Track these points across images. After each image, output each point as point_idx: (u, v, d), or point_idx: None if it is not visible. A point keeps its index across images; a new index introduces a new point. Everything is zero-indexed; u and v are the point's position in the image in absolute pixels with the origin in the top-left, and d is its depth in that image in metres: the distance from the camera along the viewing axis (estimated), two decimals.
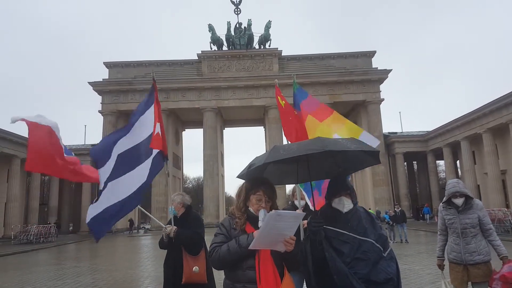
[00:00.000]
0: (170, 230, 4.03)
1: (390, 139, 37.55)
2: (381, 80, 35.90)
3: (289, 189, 26.72)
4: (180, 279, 3.99)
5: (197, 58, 36.80)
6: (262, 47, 37.51)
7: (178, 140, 41.69)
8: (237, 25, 38.60)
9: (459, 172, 37.98)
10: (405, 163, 40.82)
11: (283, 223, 2.22)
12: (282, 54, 36.93)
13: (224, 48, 37.83)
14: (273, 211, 2.22)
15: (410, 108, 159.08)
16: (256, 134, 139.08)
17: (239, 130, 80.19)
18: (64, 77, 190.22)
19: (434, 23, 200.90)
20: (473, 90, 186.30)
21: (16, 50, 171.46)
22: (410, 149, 37.60)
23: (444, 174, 43.82)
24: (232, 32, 38.14)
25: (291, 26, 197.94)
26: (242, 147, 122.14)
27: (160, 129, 4.14)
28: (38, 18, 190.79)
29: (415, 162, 44.89)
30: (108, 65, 37.31)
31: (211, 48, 37.45)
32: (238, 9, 38.93)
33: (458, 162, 37.57)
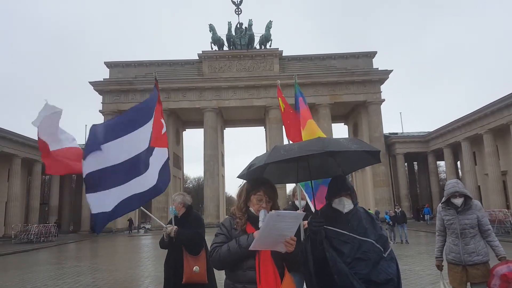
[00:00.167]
0: (171, 230, 4.03)
1: (390, 140, 37.51)
2: (382, 81, 35.86)
3: (289, 189, 26.76)
4: (180, 279, 3.99)
5: (197, 58, 36.78)
6: (263, 47, 37.46)
7: (178, 140, 41.68)
8: (238, 25, 38.54)
9: (460, 173, 37.94)
10: (406, 164, 40.78)
11: (283, 224, 2.20)
12: (283, 54, 36.87)
13: (225, 48, 37.79)
14: (273, 212, 2.21)
15: (411, 108, 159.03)
16: (256, 134, 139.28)
17: (239, 130, 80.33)
18: (64, 77, 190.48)
19: (435, 24, 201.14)
20: (473, 91, 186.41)
21: (16, 50, 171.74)
22: (411, 149, 37.56)
23: (445, 175, 43.83)
24: (233, 32, 38.09)
25: (291, 26, 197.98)
26: (242, 147, 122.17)
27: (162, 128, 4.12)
28: (38, 18, 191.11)
29: (416, 162, 44.85)
30: (108, 65, 37.33)
31: (211, 48, 37.41)
32: (239, 9, 38.90)
33: (458, 163, 37.52)
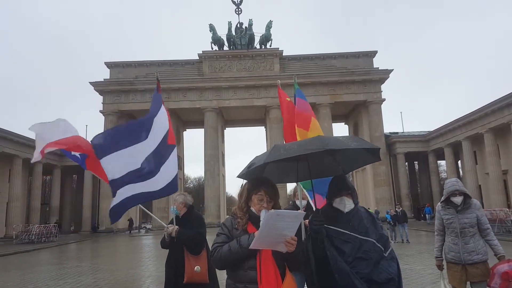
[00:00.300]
0: (172, 230, 4.03)
1: (391, 139, 37.48)
2: (382, 80, 35.84)
3: (290, 188, 26.76)
4: (181, 279, 4.00)
5: (198, 58, 36.78)
6: (263, 47, 37.45)
7: (179, 140, 41.67)
8: (238, 25, 38.54)
9: (461, 172, 37.93)
10: (406, 163, 40.74)
11: (283, 223, 2.19)
12: (283, 54, 36.87)
13: (225, 48, 37.79)
14: (272, 211, 2.21)
15: (411, 108, 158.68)
16: (257, 134, 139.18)
17: (240, 130, 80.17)
18: (64, 77, 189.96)
19: (435, 23, 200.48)
20: (473, 91, 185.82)
21: (16, 50, 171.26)
22: (411, 149, 37.53)
23: (446, 174, 43.79)
24: (233, 32, 38.09)
25: (292, 26, 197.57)
26: (243, 147, 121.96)
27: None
28: (38, 18, 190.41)
29: (416, 162, 44.78)
30: (109, 65, 37.34)
31: (212, 48, 37.41)
32: (239, 9, 38.89)
33: (459, 162, 37.48)
